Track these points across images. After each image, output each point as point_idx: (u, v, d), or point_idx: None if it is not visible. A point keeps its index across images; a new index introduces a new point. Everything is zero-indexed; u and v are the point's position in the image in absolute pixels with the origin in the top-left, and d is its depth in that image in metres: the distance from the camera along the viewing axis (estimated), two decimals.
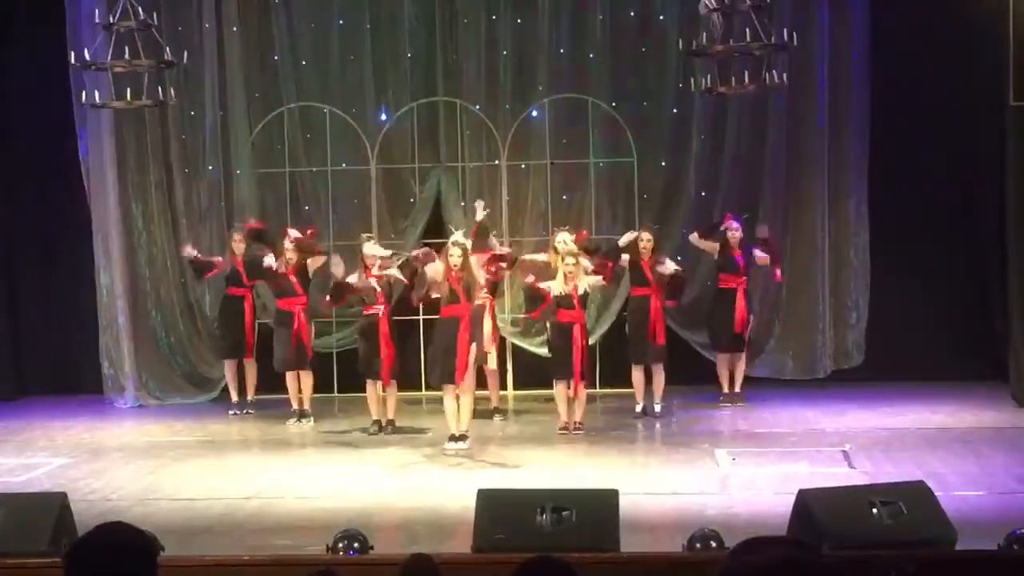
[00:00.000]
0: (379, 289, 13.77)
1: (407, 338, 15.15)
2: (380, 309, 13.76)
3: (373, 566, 7.30)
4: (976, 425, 13.51)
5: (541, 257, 14.34)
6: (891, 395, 14.95)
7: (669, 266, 14.53)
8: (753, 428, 13.71)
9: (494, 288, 13.98)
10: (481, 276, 12.96)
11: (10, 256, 16.59)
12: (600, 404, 15.21)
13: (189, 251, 15.48)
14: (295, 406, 14.68)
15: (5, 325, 16.59)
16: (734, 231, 14.90)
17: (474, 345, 12.77)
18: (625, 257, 14.46)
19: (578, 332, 13.33)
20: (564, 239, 13.98)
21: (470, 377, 12.86)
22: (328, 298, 14.22)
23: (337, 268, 14.21)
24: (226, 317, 15.44)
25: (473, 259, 12.92)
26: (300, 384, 14.66)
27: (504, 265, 13.66)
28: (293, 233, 14.69)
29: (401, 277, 13.73)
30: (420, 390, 15.72)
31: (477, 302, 12.97)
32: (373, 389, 13.96)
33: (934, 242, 15.85)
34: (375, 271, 13.77)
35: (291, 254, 14.51)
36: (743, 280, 14.91)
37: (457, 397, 12.79)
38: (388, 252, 14.04)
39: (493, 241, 14.18)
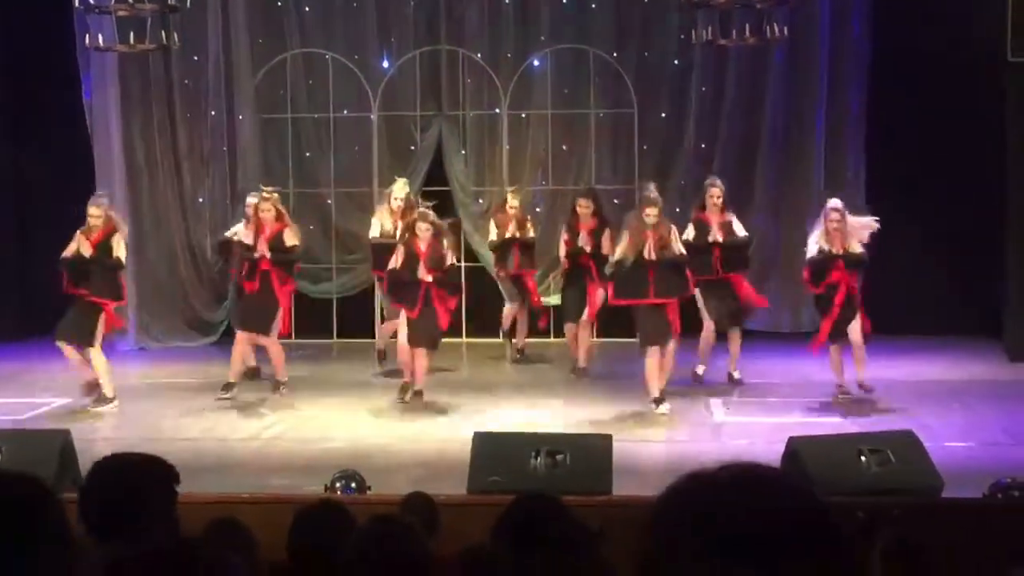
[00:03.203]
0: None
1: None
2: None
3: (370, 505, 7.42)
4: (968, 379, 13.66)
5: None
6: (885, 349, 14.92)
7: (740, 230, 13.54)
8: (748, 379, 13.81)
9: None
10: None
11: (16, 199, 16.66)
12: (600, 351, 15.30)
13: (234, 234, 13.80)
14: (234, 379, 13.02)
15: (12, 266, 16.69)
16: None
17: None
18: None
19: None
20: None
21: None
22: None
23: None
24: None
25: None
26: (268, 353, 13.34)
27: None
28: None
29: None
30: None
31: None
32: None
33: (931, 198, 15.91)
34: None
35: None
36: None
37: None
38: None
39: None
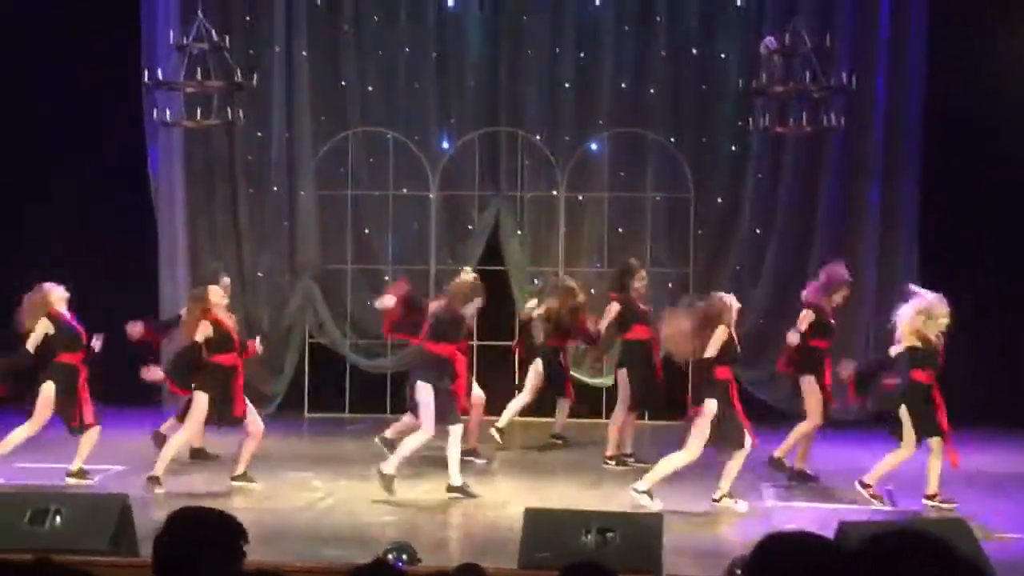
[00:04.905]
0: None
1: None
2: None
3: None
4: (1016, 470, 13.61)
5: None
6: None
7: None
8: (796, 465, 13.78)
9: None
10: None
11: (77, 268, 16.88)
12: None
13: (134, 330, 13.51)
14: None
15: None
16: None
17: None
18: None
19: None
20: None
21: None
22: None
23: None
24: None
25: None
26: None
27: None
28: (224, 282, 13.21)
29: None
30: None
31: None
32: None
33: (980, 289, 15.88)
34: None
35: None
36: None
37: None
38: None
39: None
